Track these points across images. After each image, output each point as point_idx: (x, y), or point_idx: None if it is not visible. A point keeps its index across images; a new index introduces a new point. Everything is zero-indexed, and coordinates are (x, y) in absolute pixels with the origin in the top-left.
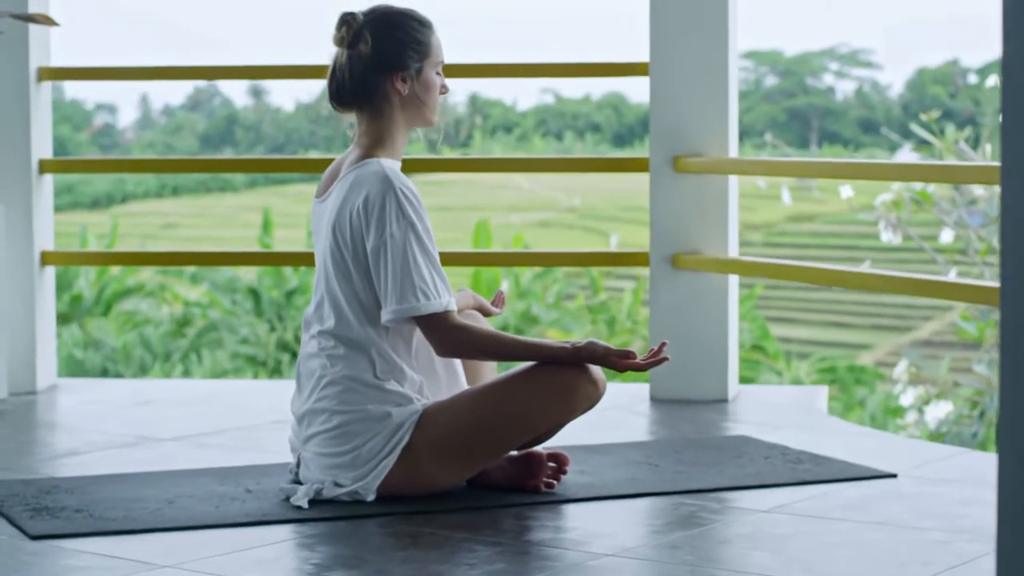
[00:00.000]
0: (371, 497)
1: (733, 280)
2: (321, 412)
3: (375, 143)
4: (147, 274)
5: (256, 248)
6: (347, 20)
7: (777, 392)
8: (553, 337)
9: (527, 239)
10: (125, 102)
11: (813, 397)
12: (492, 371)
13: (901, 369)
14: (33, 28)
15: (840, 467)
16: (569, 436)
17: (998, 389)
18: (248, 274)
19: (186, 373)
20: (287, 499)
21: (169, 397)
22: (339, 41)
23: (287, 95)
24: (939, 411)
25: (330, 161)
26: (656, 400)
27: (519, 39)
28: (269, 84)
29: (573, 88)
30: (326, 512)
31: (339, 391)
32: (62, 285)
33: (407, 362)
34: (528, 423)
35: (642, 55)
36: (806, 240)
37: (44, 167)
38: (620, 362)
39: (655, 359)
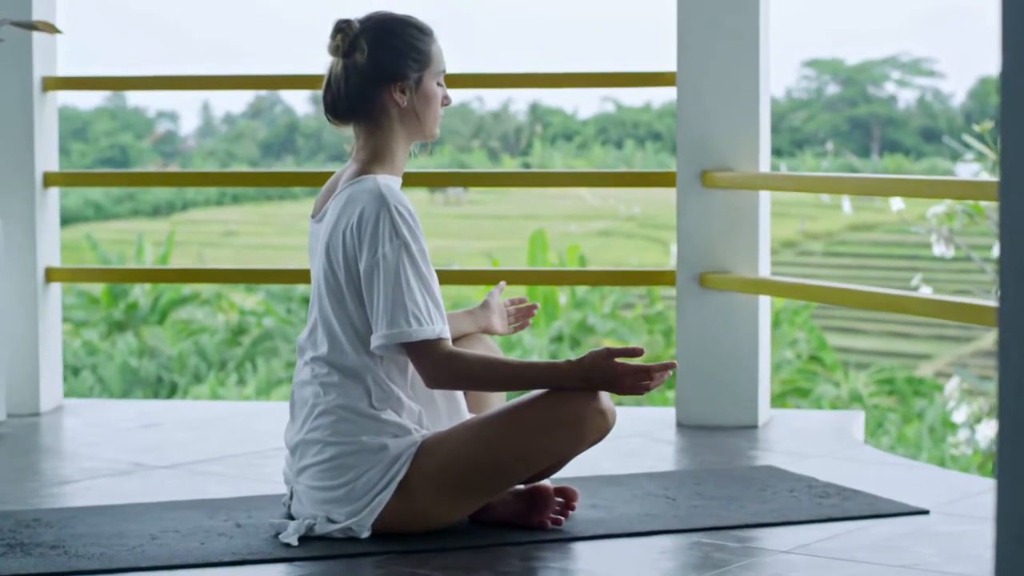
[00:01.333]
0: (366, 534)
1: (764, 300)
2: (314, 443)
3: (373, 158)
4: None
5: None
6: (342, 28)
7: (811, 417)
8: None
9: (583, 249)
10: (187, 110)
11: (848, 423)
12: (500, 399)
13: (953, 385)
14: (37, 37)
15: (869, 502)
16: (585, 465)
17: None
18: (304, 282)
19: (241, 382)
20: (277, 535)
21: (174, 420)
22: (334, 50)
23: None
24: (991, 429)
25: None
26: (682, 426)
27: (545, 48)
28: None
29: (634, 97)
30: (317, 550)
31: (332, 421)
32: (118, 293)
33: (404, 391)
34: (532, 456)
35: (670, 64)
36: (866, 250)
37: (49, 180)
38: (625, 381)
39: (662, 366)
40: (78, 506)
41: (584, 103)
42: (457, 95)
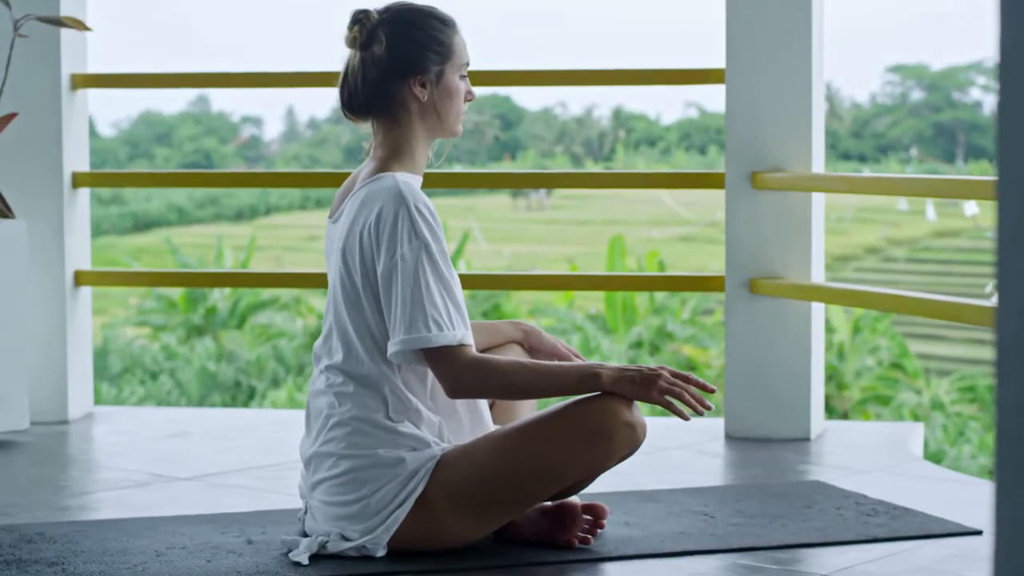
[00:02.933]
0: (381, 552)
1: (817, 308)
2: (328, 456)
3: (391, 156)
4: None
5: None
6: (359, 19)
7: (866, 430)
8: (689, 352)
9: (663, 255)
10: (271, 115)
11: (906, 436)
12: (527, 410)
13: None
14: (66, 34)
15: (919, 521)
16: (622, 479)
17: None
18: None
19: None
20: (288, 553)
21: (203, 429)
22: (351, 42)
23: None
24: None
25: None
26: (731, 438)
27: (604, 50)
28: None
29: (718, 102)
30: (329, 570)
31: (347, 433)
32: (197, 297)
33: (423, 401)
34: (558, 471)
35: (719, 62)
36: (951, 256)
37: (78, 181)
38: (661, 382)
39: (702, 383)
40: (87, 520)
41: (667, 109)
42: (537, 99)
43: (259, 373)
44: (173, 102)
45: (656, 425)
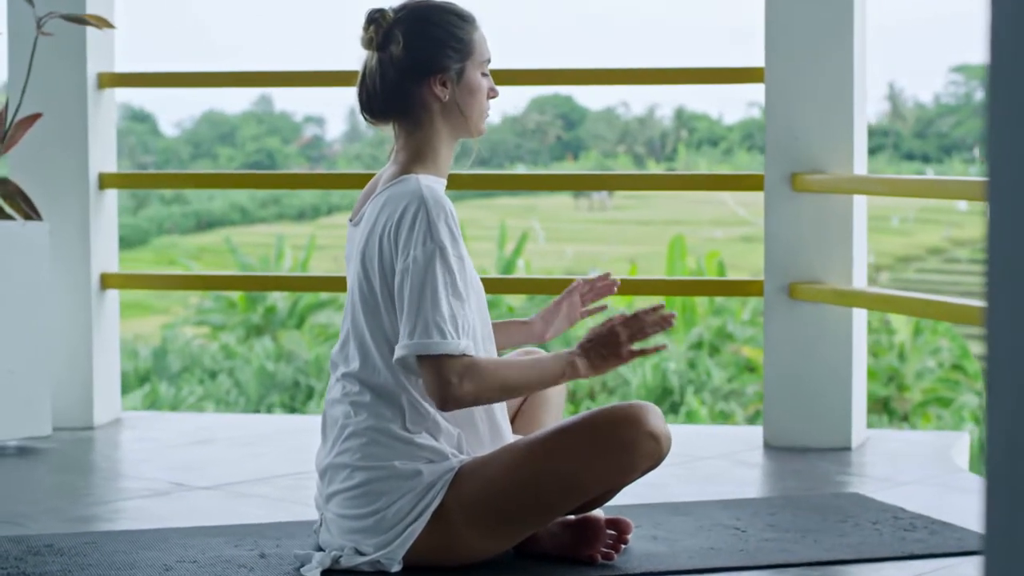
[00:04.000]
0: (396, 568)
1: (859, 314)
2: (342, 467)
3: (414, 158)
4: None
5: None
6: (375, 18)
7: (910, 439)
8: (748, 354)
9: (724, 255)
10: (333, 114)
11: (951, 445)
12: (554, 419)
13: None
14: (93, 32)
15: (957, 537)
16: (653, 490)
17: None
18: None
19: None
20: (301, 568)
21: (231, 436)
22: (367, 43)
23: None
24: None
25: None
26: (770, 447)
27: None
28: None
29: None
30: None
31: (363, 444)
32: (257, 297)
33: (442, 412)
34: (579, 484)
35: (758, 60)
36: None
37: (105, 182)
38: (623, 338)
39: (650, 308)
40: (99, 531)
41: (730, 109)
42: (599, 99)
43: (318, 373)
44: (236, 102)
45: (693, 433)
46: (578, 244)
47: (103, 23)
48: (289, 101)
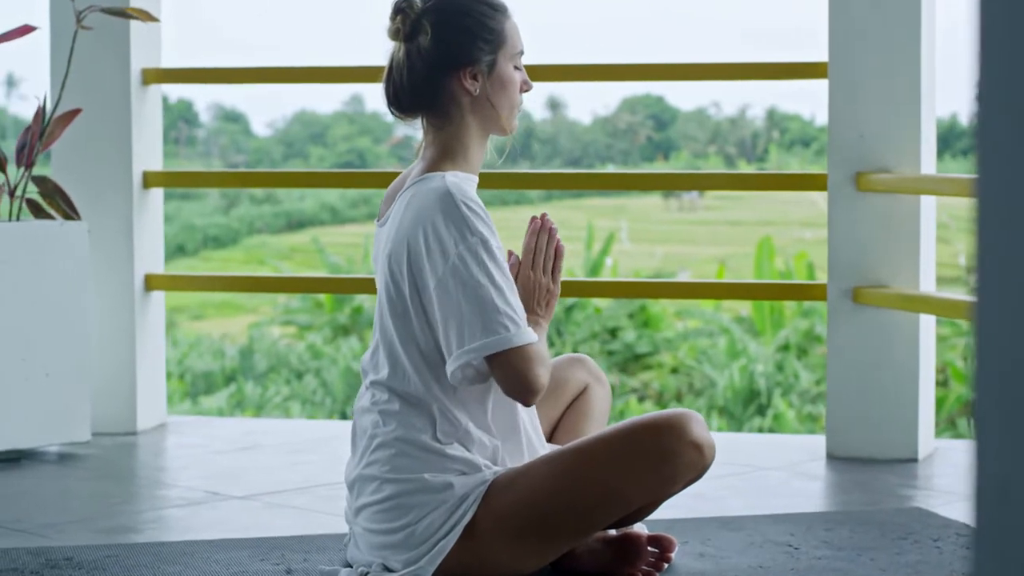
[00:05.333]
0: None
1: (927, 320)
2: (371, 480)
3: (443, 155)
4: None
5: None
6: (402, 8)
7: None
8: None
9: (813, 256)
10: None
11: None
12: (590, 429)
13: None
14: (137, 26)
15: None
16: (705, 503)
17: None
18: None
19: None
20: None
21: (278, 441)
22: (394, 34)
23: (584, 108)
24: None
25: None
26: (832, 458)
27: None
28: (567, 97)
29: None
30: None
31: (391, 455)
32: (344, 297)
33: (478, 421)
34: (619, 495)
35: (822, 55)
36: None
37: (149, 180)
38: (541, 278)
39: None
40: (124, 543)
41: (822, 109)
42: (690, 99)
43: None
44: (327, 101)
45: (753, 443)
46: (668, 245)
47: (146, 16)
48: (381, 101)
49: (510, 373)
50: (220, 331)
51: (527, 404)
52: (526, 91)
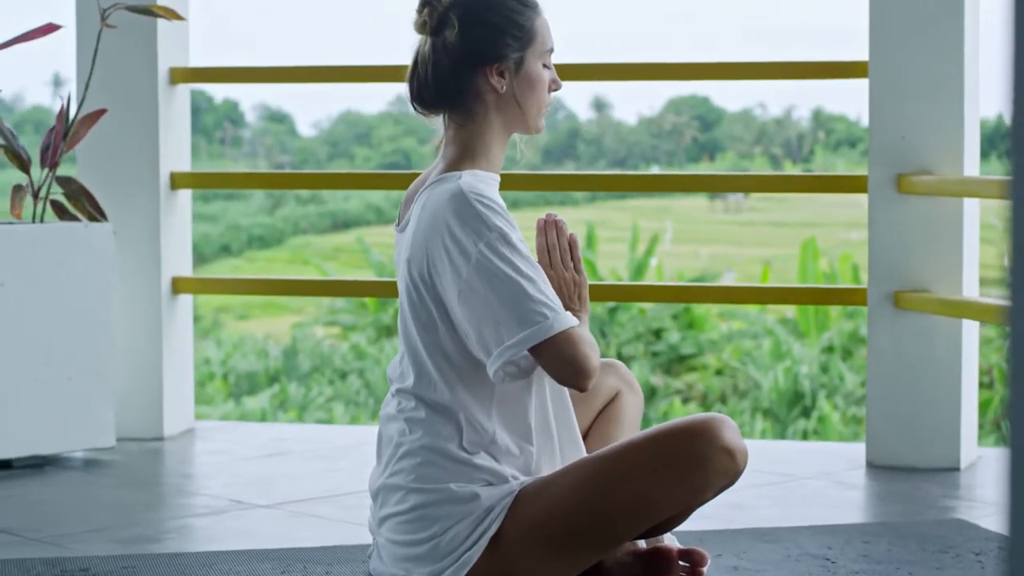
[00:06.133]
0: None
1: (969, 325)
2: (395, 489)
3: (464, 154)
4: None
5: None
6: (430, 1)
7: None
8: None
9: (858, 258)
10: None
11: None
12: (630, 433)
13: None
14: (165, 25)
15: None
16: (741, 513)
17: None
18: None
19: None
20: None
21: (306, 448)
22: (420, 27)
23: (629, 109)
24: None
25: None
26: (872, 466)
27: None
28: (613, 97)
29: None
30: None
31: (416, 464)
32: (389, 299)
33: (511, 427)
34: (648, 504)
35: (862, 54)
36: None
37: (176, 182)
38: (572, 275)
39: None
40: (142, 553)
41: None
42: (736, 100)
43: None
44: (372, 102)
45: (792, 450)
46: (713, 246)
47: (172, 15)
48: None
49: (558, 360)
50: (264, 331)
51: (582, 388)
52: (555, 90)
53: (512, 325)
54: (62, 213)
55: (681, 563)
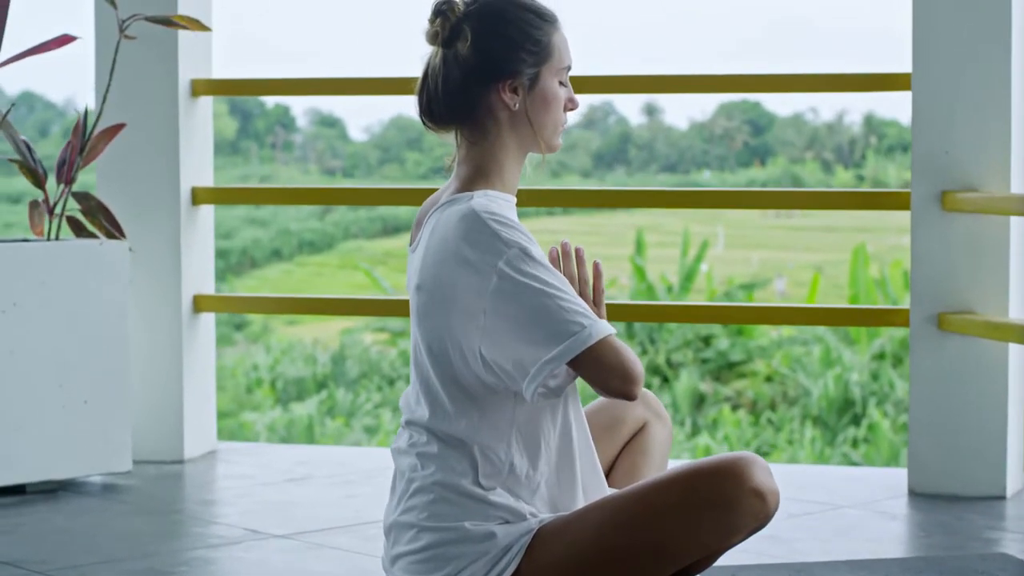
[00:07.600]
0: None
1: (1017, 349)
2: (408, 527)
3: (476, 173)
4: None
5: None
6: (442, 10)
7: None
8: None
9: (907, 264)
10: None
11: None
12: (658, 470)
13: None
14: (186, 36)
15: None
16: (774, 545)
17: None
18: (619, 295)
19: None
20: None
21: (329, 472)
22: (432, 38)
23: (681, 113)
24: None
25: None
26: (915, 494)
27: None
28: (664, 102)
29: None
30: None
31: (429, 501)
32: None
33: (533, 455)
34: (674, 549)
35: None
36: None
37: (198, 197)
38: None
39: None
40: None
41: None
42: (787, 105)
43: None
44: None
45: (833, 477)
46: (764, 251)
47: (195, 25)
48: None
49: (602, 368)
50: (313, 337)
51: (632, 396)
52: (571, 109)
53: (548, 340)
54: (79, 230)
55: None
